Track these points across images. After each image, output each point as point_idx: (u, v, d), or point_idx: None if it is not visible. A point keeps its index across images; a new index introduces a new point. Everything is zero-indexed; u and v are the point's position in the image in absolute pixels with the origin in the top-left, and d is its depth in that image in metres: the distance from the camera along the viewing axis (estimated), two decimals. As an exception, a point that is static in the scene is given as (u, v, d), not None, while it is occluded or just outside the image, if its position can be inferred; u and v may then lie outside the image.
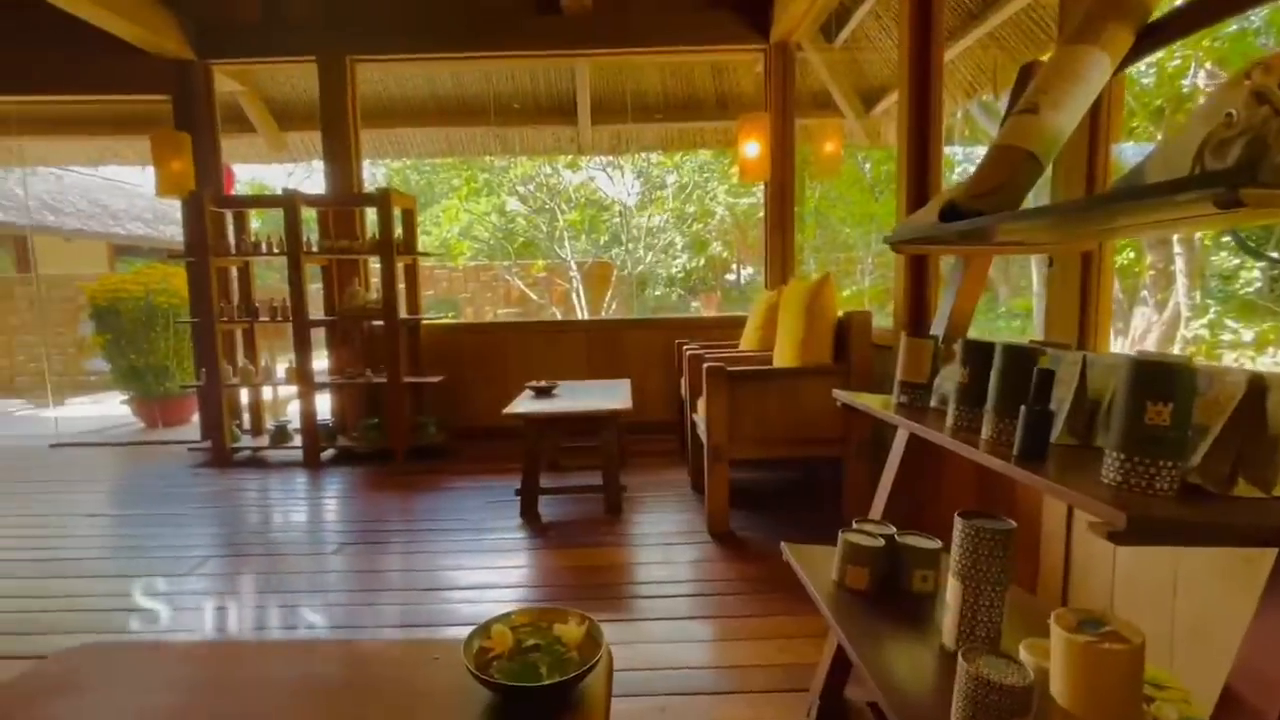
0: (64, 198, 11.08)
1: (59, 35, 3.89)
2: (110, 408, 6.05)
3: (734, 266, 16.42)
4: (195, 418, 5.26)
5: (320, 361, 4.15)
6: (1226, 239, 5.30)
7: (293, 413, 4.73)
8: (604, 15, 3.89)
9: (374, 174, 10.80)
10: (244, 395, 4.20)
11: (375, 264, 3.99)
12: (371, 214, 4.00)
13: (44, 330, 7.89)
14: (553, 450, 3.46)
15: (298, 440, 3.87)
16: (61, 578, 2.36)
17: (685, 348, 3.10)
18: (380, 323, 3.78)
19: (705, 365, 2.42)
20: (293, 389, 3.86)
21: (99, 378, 7.21)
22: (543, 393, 3.06)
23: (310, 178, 12.75)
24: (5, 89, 4.11)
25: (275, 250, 3.75)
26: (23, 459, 4.18)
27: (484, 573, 2.27)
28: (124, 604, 2.12)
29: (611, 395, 3.00)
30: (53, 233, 10.50)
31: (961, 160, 7.70)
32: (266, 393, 4.40)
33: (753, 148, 3.93)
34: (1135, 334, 5.78)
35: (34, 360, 7.88)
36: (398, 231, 3.80)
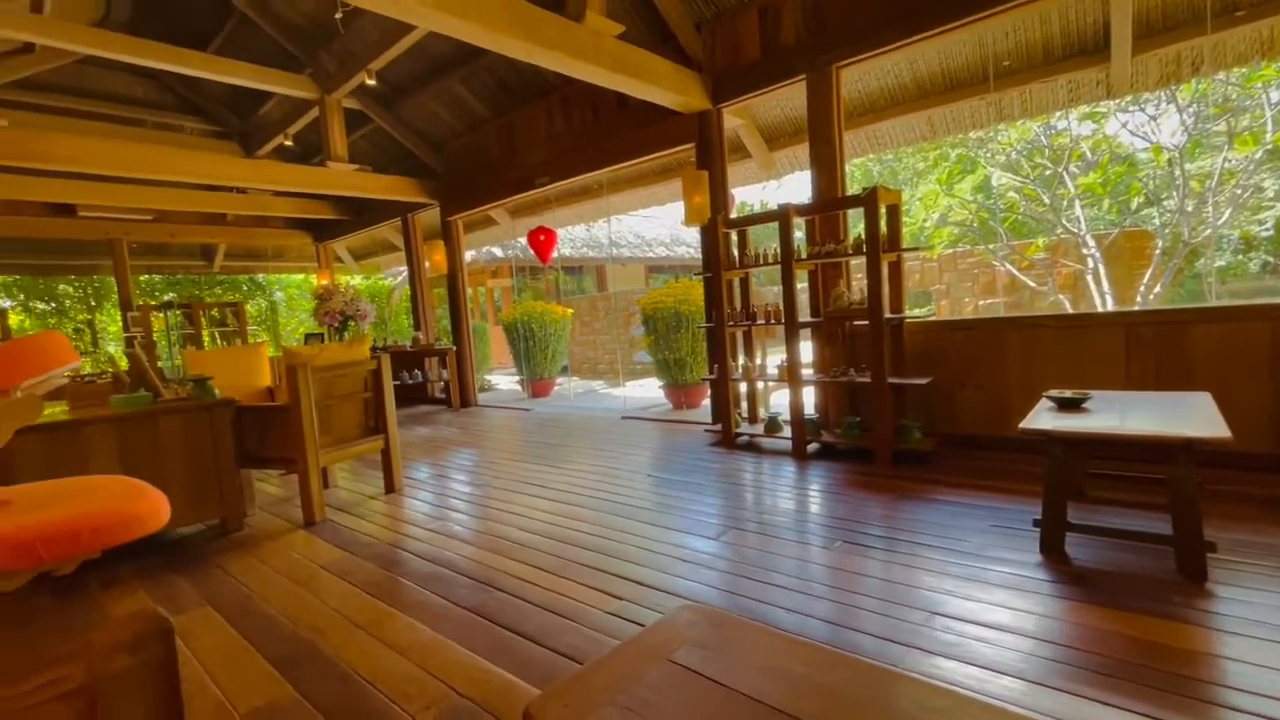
0: (621, 235, 15.30)
1: (630, 119, 5.24)
2: (650, 390, 7.96)
3: (1391, 212, 10.56)
4: (705, 403, 6.40)
5: (803, 357, 4.43)
6: None
7: (777, 404, 5.24)
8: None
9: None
10: (743, 387, 4.85)
11: (854, 263, 4.00)
12: (853, 214, 4.03)
13: (613, 331, 11.02)
14: (1077, 476, 2.79)
15: (787, 431, 4.24)
16: (625, 518, 3.16)
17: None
18: (863, 322, 3.78)
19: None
20: (782, 384, 4.24)
21: (643, 367, 9.64)
22: (1068, 405, 2.48)
23: (779, 189, 14.00)
24: (600, 164, 5.80)
25: (770, 261, 4.18)
26: (605, 425, 5.87)
27: (997, 611, 1.97)
28: (672, 551, 2.67)
29: (1183, 414, 2.21)
30: (616, 261, 14.71)
31: None
32: (760, 386, 4.98)
33: None
34: None
35: (609, 353, 11.12)
36: (882, 229, 3.72)
